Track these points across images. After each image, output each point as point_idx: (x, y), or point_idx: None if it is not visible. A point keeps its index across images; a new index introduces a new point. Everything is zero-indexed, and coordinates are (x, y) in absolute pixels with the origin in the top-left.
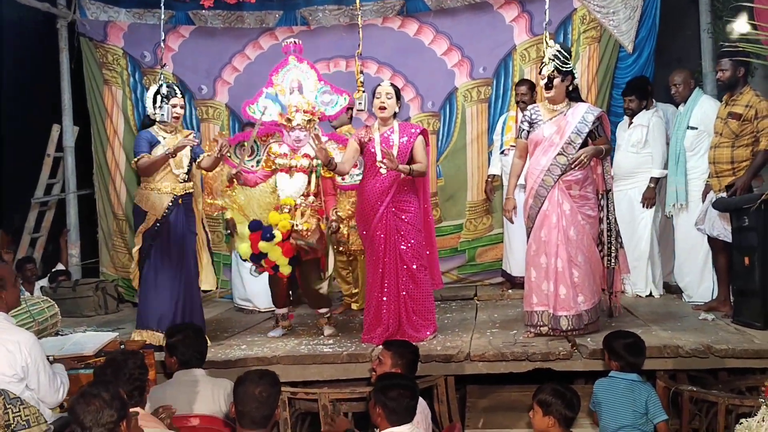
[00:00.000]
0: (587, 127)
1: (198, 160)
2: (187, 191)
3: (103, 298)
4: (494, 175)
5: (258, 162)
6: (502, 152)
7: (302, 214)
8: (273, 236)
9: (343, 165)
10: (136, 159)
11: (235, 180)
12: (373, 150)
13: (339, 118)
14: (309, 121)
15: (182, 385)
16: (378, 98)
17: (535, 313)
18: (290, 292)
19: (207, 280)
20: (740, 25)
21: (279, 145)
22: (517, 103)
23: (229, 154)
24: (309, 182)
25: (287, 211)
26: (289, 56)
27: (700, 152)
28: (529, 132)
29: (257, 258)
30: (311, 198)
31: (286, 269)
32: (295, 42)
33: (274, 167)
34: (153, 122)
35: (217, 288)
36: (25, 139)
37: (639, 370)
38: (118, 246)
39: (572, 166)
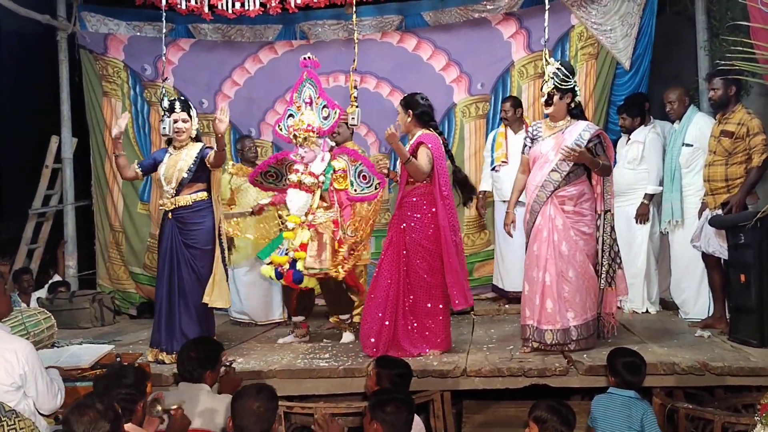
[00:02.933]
0: (583, 144)
1: (206, 159)
2: (179, 205)
3: (100, 310)
4: (485, 191)
5: (287, 179)
6: (493, 169)
7: (309, 228)
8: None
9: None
10: None
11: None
12: None
13: (342, 133)
14: (305, 138)
15: (183, 396)
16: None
17: (527, 326)
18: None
19: (218, 297)
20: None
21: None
22: (502, 119)
23: (260, 181)
24: (314, 198)
25: (291, 228)
26: (303, 73)
27: (695, 169)
28: (530, 148)
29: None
30: (325, 213)
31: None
32: (310, 57)
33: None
34: None
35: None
36: (23, 150)
37: (636, 388)
38: (114, 258)
39: (564, 153)
